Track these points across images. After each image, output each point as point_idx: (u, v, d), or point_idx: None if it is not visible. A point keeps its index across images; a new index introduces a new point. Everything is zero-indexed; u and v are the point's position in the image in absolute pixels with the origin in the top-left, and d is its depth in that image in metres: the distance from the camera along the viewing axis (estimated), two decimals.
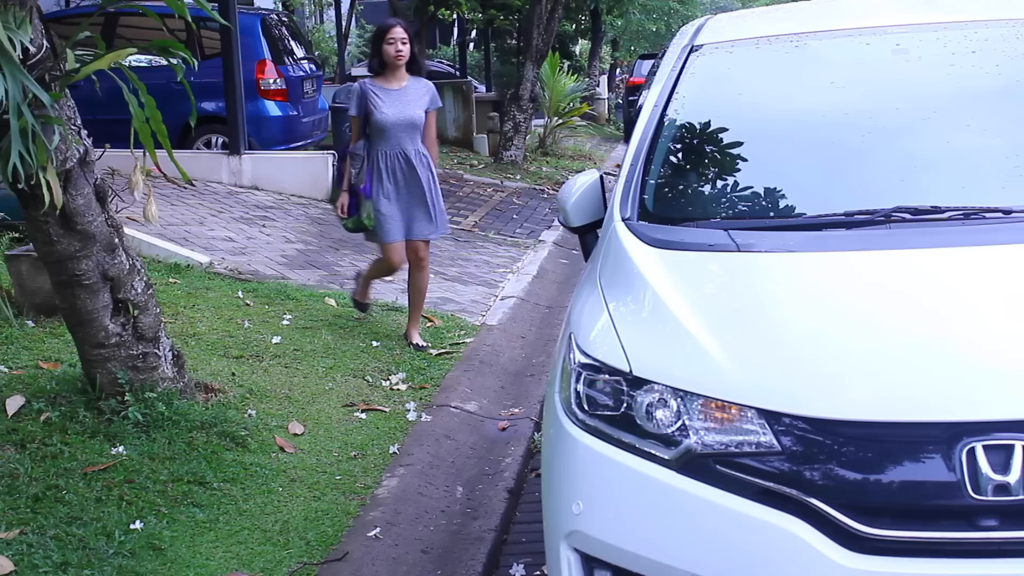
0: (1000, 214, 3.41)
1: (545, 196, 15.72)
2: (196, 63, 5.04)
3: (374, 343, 7.33)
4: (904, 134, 3.87)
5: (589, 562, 3.02)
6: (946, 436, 2.69)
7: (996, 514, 2.65)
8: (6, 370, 5.95)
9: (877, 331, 2.94)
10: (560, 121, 21.28)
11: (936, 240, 3.29)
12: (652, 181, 3.91)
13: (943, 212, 3.43)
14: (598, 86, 32.42)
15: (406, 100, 7.26)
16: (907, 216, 3.43)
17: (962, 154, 3.75)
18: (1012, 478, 2.64)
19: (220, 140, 13.75)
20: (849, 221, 3.48)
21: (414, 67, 7.38)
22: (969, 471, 2.65)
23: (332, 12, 29.09)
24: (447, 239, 11.69)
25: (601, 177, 4.27)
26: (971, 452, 2.66)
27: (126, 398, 5.34)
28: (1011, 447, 2.65)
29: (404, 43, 7.24)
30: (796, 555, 2.71)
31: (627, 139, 4.23)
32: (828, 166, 3.85)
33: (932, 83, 4.04)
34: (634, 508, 2.94)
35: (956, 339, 2.87)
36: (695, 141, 4.16)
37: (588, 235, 4.22)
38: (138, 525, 4.50)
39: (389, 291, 8.89)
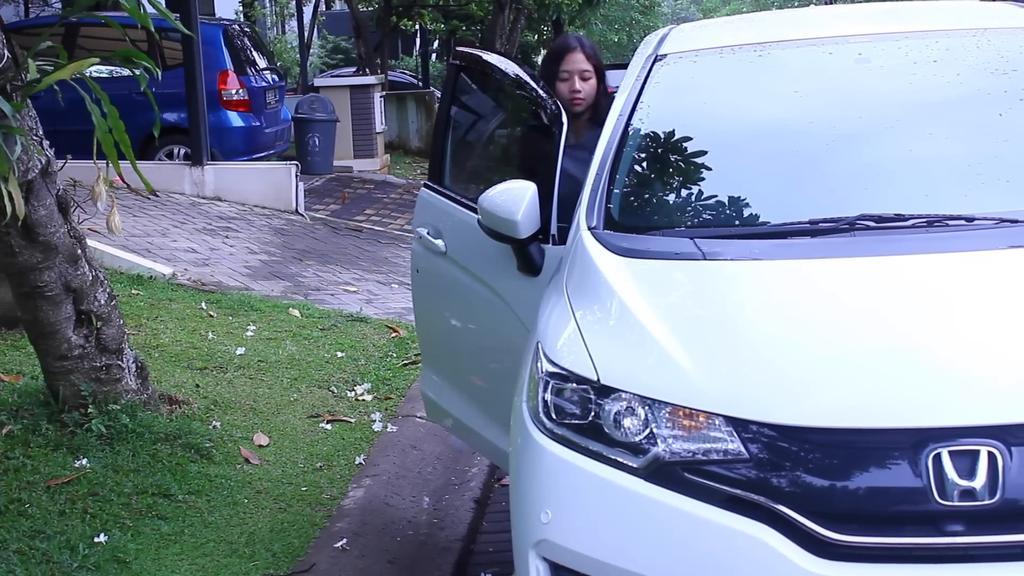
0: (963, 222, 3.44)
1: None
2: (159, 73, 5.01)
3: (339, 354, 7.31)
4: (867, 142, 3.88)
5: (558, 571, 3.02)
6: (912, 442, 2.71)
7: (962, 519, 2.67)
8: None
9: (843, 338, 2.96)
10: None
11: (900, 248, 3.31)
12: (617, 190, 3.90)
13: (907, 220, 3.45)
14: None
15: (581, 160, 4.22)
16: (871, 224, 3.44)
17: (925, 162, 3.78)
18: (977, 483, 2.66)
19: (182, 151, 13.68)
20: (814, 229, 3.49)
21: (599, 115, 4.54)
22: (935, 477, 2.68)
23: (294, 23, 29.02)
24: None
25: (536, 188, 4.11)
26: (937, 458, 2.69)
27: (89, 410, 5.29)
28: (976, 453, 2.68)
29: (586, 78, 4.69)
30: (764, 562, 2.72)
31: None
32: (792, 174, 3.86)
33: (895, 92, 4.07)
34: (603, 517, 2.94)
35: (921, 346, 2.89)
36: (660, 150, 4.16)
37: (531, 245, 4.09)
38: (102, 538, 4.47)
39: (353, 302, 8.87)
